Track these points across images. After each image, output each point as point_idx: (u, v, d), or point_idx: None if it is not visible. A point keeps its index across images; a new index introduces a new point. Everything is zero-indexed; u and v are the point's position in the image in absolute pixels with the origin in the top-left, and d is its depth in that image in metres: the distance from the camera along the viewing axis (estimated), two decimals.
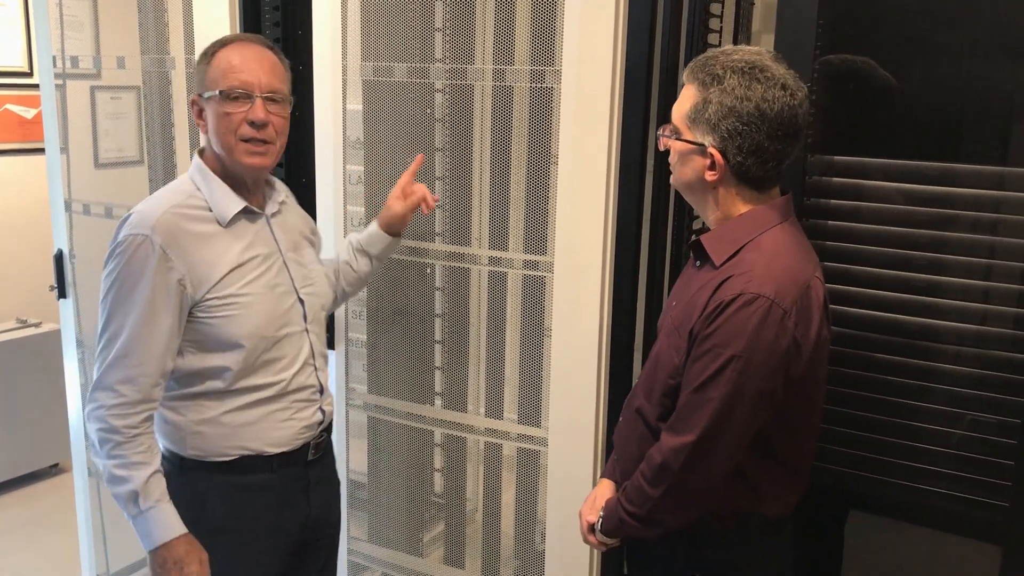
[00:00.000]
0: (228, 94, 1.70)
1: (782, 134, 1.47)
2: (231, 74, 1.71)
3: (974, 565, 1.86)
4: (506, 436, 2.19)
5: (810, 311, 1.47)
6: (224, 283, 1.72)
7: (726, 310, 1.44)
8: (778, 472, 1.58)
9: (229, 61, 1.72)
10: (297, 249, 1.89)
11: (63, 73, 2.63)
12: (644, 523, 1.58)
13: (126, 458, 1.68)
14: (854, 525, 1.98)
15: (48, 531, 3.73)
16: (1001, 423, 1.74)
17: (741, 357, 1.42)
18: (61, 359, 2.82)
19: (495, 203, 2.11)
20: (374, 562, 2.44)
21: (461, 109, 2.12)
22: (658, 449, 1.53)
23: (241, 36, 1.80)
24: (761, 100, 1.44)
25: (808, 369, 1.48)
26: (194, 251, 1.70)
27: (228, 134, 1.72)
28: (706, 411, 1.45)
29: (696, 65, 1.51)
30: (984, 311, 1.75)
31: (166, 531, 1.69)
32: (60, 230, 2.73)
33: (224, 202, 1.75)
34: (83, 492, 2.85)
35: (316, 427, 1.88)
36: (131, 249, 1.67)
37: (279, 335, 1.79)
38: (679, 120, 1.54)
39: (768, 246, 1.49)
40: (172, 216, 1.70)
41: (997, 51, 1.71)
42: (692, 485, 1.50)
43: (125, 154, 2.80)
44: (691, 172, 1.54)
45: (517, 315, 2.13)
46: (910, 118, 1.80)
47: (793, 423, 1.54)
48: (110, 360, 1.68)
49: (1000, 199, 1.73)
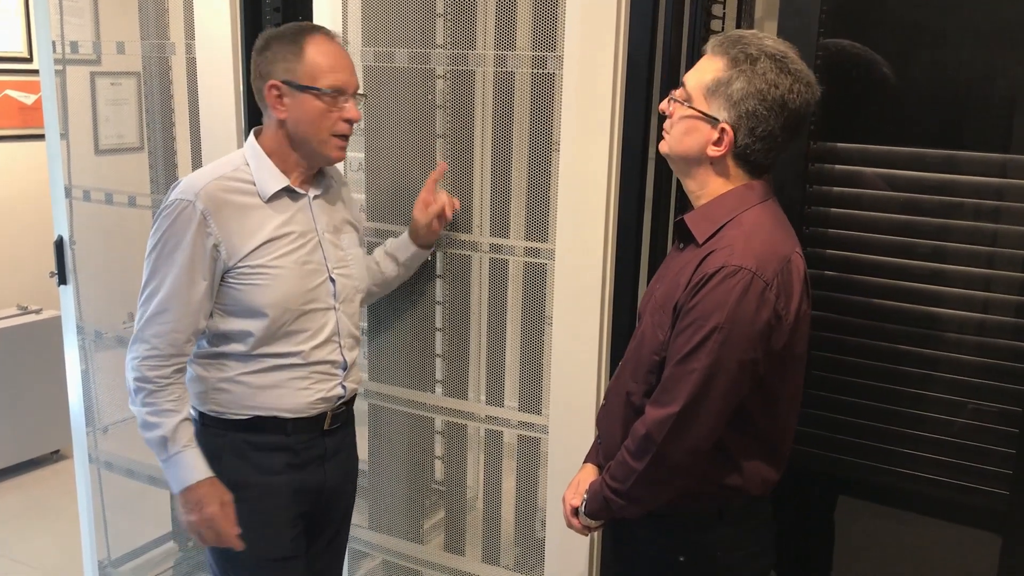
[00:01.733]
0: (331, 93, 1.80)
1: (793, 127, 1.52)
2: (332, 74, 1.80)
3: (973, 553, 1.86)
4: (507, 423, 2.19)
5: (791, 285, 1.50)
6: (256, 253, 1.82)
7: (708, 282, 1.47)
8: (759, 449, 1.60)
9: (327, 59, 1.80)
10: (337, 232, 1.96)
11: (63, 59, 2.62)
12: (627, 499, 1.59)
13: (157, 406, 1.80)
14: (853, 512, 1.98)
15: (49, 517, 3.74)
16: (1002, 411, 1.74)
17: (723, 328, 1.45)
18: (62, 346, 2.82)
19: (496, 190, 2.10)
20: (375, 549, 2.45)
21: (462, 95, 2.11)
22: (642, 422, 1.55)
23: (318, 27, 1.87)
24: (788, 91, 1.48)
25: (789, 342, 1.51)
26: (233, 220, 1.80)
27: (323, 130, 1.82)
28: (689, 382, 1.48)
29: (728, 40, 1.52)
30: (986, 299, 1.75)
31: (191, 474, 1.82)
32: (60, 216, 2.72)
33: (268, 179, 1.84)
34: (84, 478, 2.85)
35: (335, 400, 1.96)
36: (176, 212, 1.78)
37: (304, 308, 1.87)
38: (696, 89, 1.53)
39: (749, 223, 1.53)
40: (216, 185, 1.80)
41: (1000, 37, 1.70)
42: (674, 457, 1.52)
43: (125, 140, 2.80)
44: (693, 142, 1.55)
45: (518, 302, 2.13)
46: (913, 105, 1.79)
47: (774, 398, 1.56)
48: (148, 315, 1.80)
49: (1002, 186, 1.72)
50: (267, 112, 1.86)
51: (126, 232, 2.69)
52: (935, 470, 1.81)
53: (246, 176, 1.84)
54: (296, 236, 1.87)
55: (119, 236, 2.70)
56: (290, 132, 1.84)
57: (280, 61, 1.80)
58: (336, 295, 1.92)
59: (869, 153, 1.80)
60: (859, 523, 1.99)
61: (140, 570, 2.94)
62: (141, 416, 1.82)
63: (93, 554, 2.92)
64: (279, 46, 1.82)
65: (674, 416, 1.49)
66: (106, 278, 2.75)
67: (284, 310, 1.84)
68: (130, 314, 2.83)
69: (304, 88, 1.79)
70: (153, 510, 2.93)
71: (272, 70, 1.81)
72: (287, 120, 1.83)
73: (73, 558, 3.18)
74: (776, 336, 1.49)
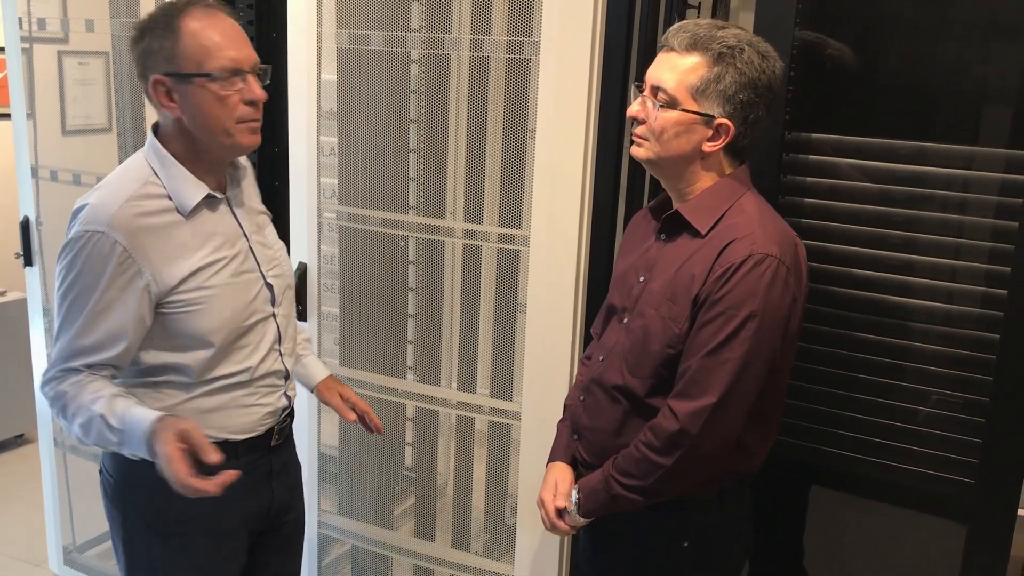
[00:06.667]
0: (222, 75, 1.56)
1: (771, 104, 1.56)
2: (220, 52, 1.56)
3: (939, 542, 1.88)
4: (478, 410, 2.19)
5: (800, 268, 1.55)
6: (190, 279, 1.61)
7: (737, 272, 1.48)
8: (763, 430, 1.63)
9: (210, 37, 1.56)
10: (260, 230, 1.79)
11: (29, 36, 2.58)
12: (646, 494, 1.58)
13: (80, 404, 1.55)
14: (821, 500, 2.00)
15: (13, 502, 3.69)
16: (968, 401, 1.76)
17: (756, 316, 1.47)
18: (27, 328, 2.78)
19: (471, 176, 2.09)
20: (344, 535, 2.44)
21: (437, 80, 2.09)
22: (669, 417, 1.53)
23: (196, 2, 1.60)
24: (773, 75, 1.52)
25: (798, 325, 1.57)
26: (157, 248, 1.58)
27: (225, 119, 1.59)
28: (724, 372, 1.49)
29: (696, 38, 1.50)
30: (952, 289, 1.77)
31: (140, 430, 1.50)
32: (27, 197, 2.68)
33: (185, 190, 1.62)
34: (49, 462, 2.82)
35: (280, 413, 1.81)
36: (88, 247, 1.54)
37: (246, 324, 1.70)
38: (681, 90, 1.51)
39: (752, 209, 1.55)
40: (130, 209, 1.56)
41: (972, 30, 1.72)
42: (707, 449, 1.52)
43: (93, 121, 2.75)
44: (687, 143, 1.54)
45: (491, 289, 2.12)
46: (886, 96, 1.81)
47: (780, 379, 1.60)
48: (65, 353, 1.59)
49: (969, 178, 1.74)
50: (160, 114, 1.64)
51: None
52: (902, 459, 1.83)
53: (158, 190, 1.61)
54: (227, 248, 1.67)
55: None
56: (189, 129, 1.61)
57: (158, 52, 1.57)
58: (274, 300, 1.76)
59: (843, 144, 1.82)
60: (826, 511, 2.01)
61: (106, 555, 2.91)
62: (74, 428, 1.57)
63: (58, 539, 2.89)
64: (149, 37, 1.58)
65: (710, 407, 1.49)
66: None
67: (229, 331, 1.66)
68: None
69: (190, 76, 1.56)
70: None
71: (151, 64, 1.57)
72: (183, 117, 1.59)
73: (38, 543, 3.14)
74: (793, 320, 1.54)
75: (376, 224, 2.20)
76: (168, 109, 1.60)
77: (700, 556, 1.66)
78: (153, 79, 1.58)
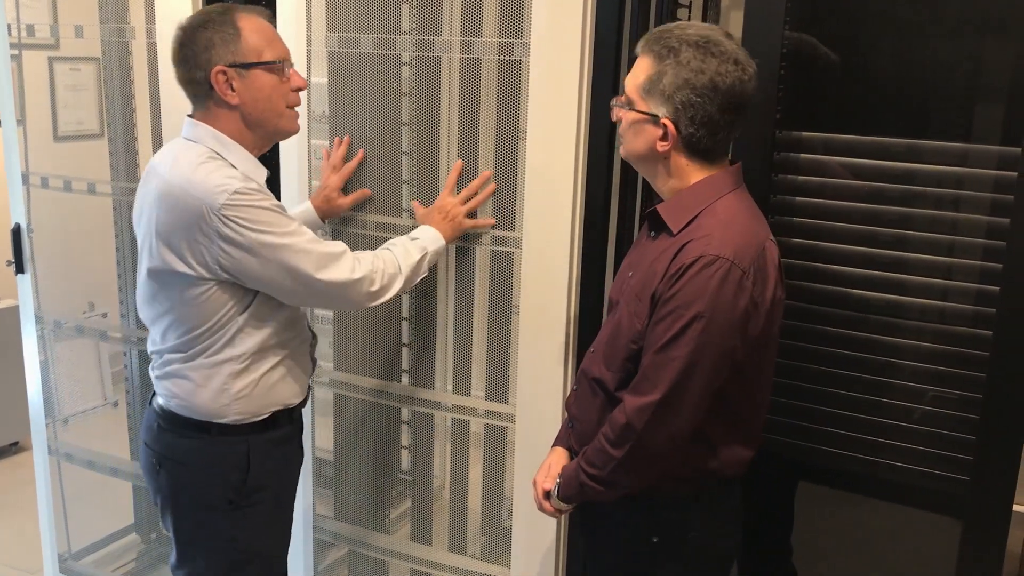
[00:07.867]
0: (279, 64, 1.77)
1: (732, 107, 1.52)
2: (276, 43, 1.78)
3: (934, 539, 1.88)
4: (473, 413, 2.18)
5: (766, 271, 1.53)
6: None
7: (687, 272, 1.48)
8: (735, 432, 1.62)
9: (264, 32, 1.77)
10: None
11: (19, 43, 2.57)
12: (605, 485, 1.61)
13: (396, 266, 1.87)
14: (816, 498, 2.00)
15: (8, 510, 3.68)
16: (962, 397, 1.76)
17: (703, 316, 1.47)
18: (19, 335, 2.77)
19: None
20: (340, 539, 2.43)
21: (428, 82, 2.09)
22: (621, 410, 1.56)
23: (238, 5, 1.82)
24: (715, 74, 1.49)
25: (765, 328, 1.54)
26: None
27: (280, 103, 1.79)
28: (669, 370, 1.49)
29: (651, 38, 1.54)
30: (945, 287, 1.77)
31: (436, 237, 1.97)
32: (17, 204, 2.67)
33: (252, 171, 1.79)
34: (43, 470, 2.81)
35: (310, 371, 2.02)
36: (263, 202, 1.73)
37: None
38: (633, 91, 1.56)
39: (723, 211, 1.54)
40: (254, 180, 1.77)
41: (963, 27, 1.72)
42: (655, 445, 1.53)
43: (85, 127, 2.75)
44: (643, 142, 1.57)
45: (485, 291, 2.12)
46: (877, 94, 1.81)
47: (750, 382, 1.59)
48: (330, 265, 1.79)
49: (962, 175, 1.74)
50: (212, 102, 1.78)
51: (85, 220, 2.65)
52: (897, 456, 1.83)
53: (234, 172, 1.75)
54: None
55: (78, 224, 2.66)
56: (247, 115, 1.78)
57: (218, 45, 1.73)
58: None
59: (834, 142, 1.82)
60: (820, 508, 2.01)
61: (102, 563, 2.90)
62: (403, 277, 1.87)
63: (53, 547, 2.87)
64: (210, 31, 1.74)
65: (655, 404, 1.51)
66: (65, 266, 2.70)
67: None
68: (90, 303, 2.79)
69: (253, 65, 1.75)
70: (114, 502, 2.89)
71: (212, 57, 1.73)
72: (242, 104, 1.77)
73: (33, 551, 3.13)
74: (753, 323, 1.51)
75: (369, 227, 2.19)
76: (228, 97, 1.76)
77: (674, 551, 1.66)
78: (215, 70, 1.73)
